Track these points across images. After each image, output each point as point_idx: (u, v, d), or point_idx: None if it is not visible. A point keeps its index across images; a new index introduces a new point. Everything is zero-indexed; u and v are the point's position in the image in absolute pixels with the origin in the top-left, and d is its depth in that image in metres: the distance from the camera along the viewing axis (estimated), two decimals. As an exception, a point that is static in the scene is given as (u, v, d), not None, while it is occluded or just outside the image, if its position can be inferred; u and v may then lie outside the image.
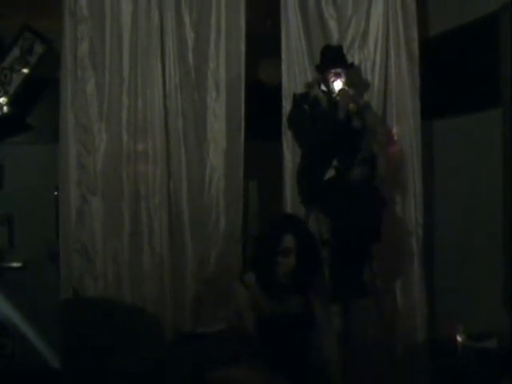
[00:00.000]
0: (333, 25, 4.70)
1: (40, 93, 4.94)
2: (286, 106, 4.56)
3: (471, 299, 4.49)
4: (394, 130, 4.70)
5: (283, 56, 4.63)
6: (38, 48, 4.72)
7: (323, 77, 4.31)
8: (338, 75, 4.25)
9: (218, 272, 4.52)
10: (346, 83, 4.25)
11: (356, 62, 4.62)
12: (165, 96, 4.48)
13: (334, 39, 4.67)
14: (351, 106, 4.22)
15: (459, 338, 4.12)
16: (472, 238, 4.56)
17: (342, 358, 3.51)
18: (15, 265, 4.87)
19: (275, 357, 3.35)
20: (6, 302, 4.66)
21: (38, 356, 4.62)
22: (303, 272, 3.34)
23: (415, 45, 4.69)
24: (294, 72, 4.64)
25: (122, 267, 4.45)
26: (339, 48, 4.42)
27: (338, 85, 4.23)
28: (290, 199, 4.58)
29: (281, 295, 3.43)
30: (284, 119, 4.55)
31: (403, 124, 4.69)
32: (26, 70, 4.74)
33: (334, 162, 4.25)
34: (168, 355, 3.65)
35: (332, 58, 4.30)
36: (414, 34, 4.69)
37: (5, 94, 4.73)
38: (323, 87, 4.32)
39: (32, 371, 4.44)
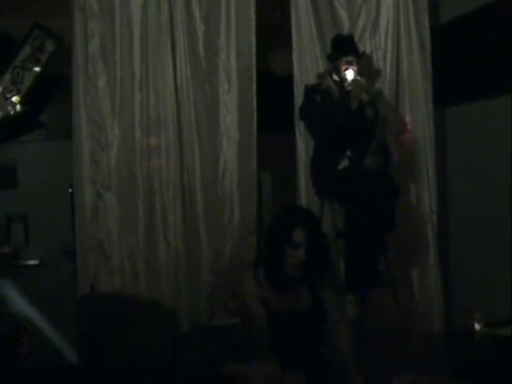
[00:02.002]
0: (343, 14, 4.67)
1: (52, 90, 4.95)
2: (298, 96, 4.55)
3: (488, 286, 4.48)
4: (407, 119, 4.69)
5: (294, 46, 4.62)
6: (49, 45, 4.73)
7: (335, 66, 4.30)
8: (349, 63, 4.23)
9: (233, 264, 4.52)
10: (357, 72, 4.24)
11: (367, 51, 4.62)
12: (176, 89, 4.48)
13: (345, 28, 4.66)
14: (364, 96, 4.21)
15: (477, 326, 4.09)
16: (486, 225, 4.54)
17: (356, 349, 3.49)
18: (31, 262, 4.89)
19: (287, 351, 3.34)
20: (23, 299, 4.68)
21: (56, 353, 4.64)
22: (312, 265, 3.33)
23: (426, 32, 4.67)
24: (306, 62, 4.63)
25: (137, 262, 4.46)
26: (350, 37, 4.42)
27: (350, 74, 4.21)
28: (304, 190, 4.58)
29: (290, 290, 3.42)
30: (296, 110, 4.54)
31: (416, 112, 4.68)
32: (37, 68, 4.75)
33: (348, 152, 4.24)
34: (183, 348, 3.65)
35: (343, 47, 4.29)
36: (426, 22, 4.67)
37: (17, 92, 4.73)
38: (335, 77, 4.31)
39: (50, 368, 4.46)
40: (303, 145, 4.59)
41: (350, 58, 4.26)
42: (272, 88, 4.76)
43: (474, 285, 4.62)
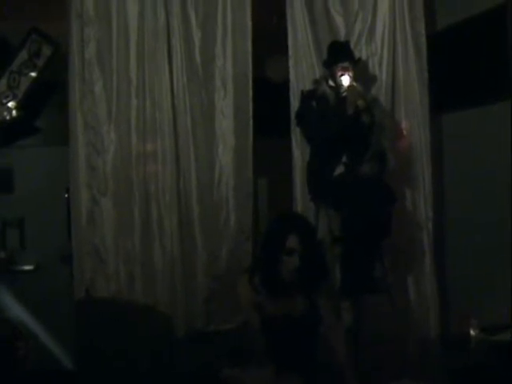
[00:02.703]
0: (339, 20, 4.68)
1: (48, 95, 4.94)
2: (294, 102, 4.55)
3: (484, 292, 4.48)
4: (403, 125, 4.69)
5: (290, 53, 4.63)
6: (46, 50, 4.72)
7: (331, 72, 4.31)
8: (345, 69, 4.24)
9: (229, 269, 4.53)
10: (353, 78, 4.25)
11: (363, 58, 4.61)
12: (173, 95, 4.50)
13: (341, 35, 4.66)
14: (360, 102, 4.21)
15: (472, 332, 4.09)
16: (483, 231, 4.54)
17: (352, 355, 3.49)
18: (27, 267, 4.88)
19: (283, 356, 3.33)
20: (19, 304, 4.68)
21: (52, 357, 4.64)
22: (307, 272, 3.32)
23: (423, 39, 4.67)
24: (302, 68, 4.63)
25: (133, 267, 4.46)
26: (346, 43, 4.43)
27: (345, 80, 4.22)
28: (300, 196, 4.58)
29: (285, 296, 3.41)
30: (292, 116, 4.55)
31: (412, 118, 4.68)
32: (33, 73, 4.74)
33: (344, 158, 4.24)
34: (179, 353, 3.65)
35: (339, 53, 4.30)
36: (422, 28, 4.68)
37: (13, 97, 4.73)
38: (331, 83, 4.32)
39: (46, 373, 4.45)
40: (299, 151, 4.59)
41: (345, 64, 4.26)
42: (268, 94, 4.76)
43: (471, 291, 4.62)
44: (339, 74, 4.25)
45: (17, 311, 4.67)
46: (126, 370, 3.48)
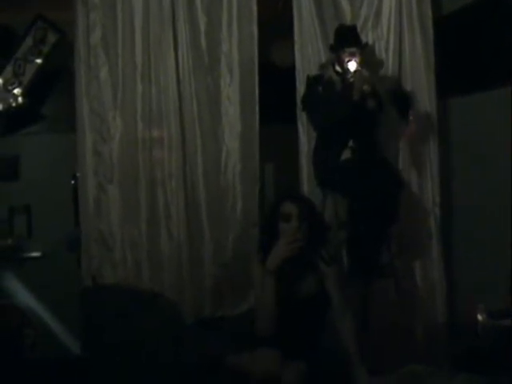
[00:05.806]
0: (345, 4, 4.66)
1: (54, 82, 4.93)
2: (300, 87, 4.54)
3: (491, 277, 4.47)
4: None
5: (296, 38, 4.61)
6: (51, 37, 4.71)
7: (337, 57, 4.28)
8: (352, 55, 4.20)
9: (236, 256, 4.53)
10: (360, 63, 4.22)
11: (370, 42, 4.58)
12: (178, 81, 4.49)
13: (347, 19, 4.63)
14: (365, 87, 4.18)
15: (480, 317, 4.09)
16: (489, 216, 4.53)
17: (359, 340, 3.49)
18: (34, 254, 4.89)
19: (289, 342, 3.34)
20: (27, 291, 4.69)
21: (59, 344, 4.66)
22: (309, 240, 3.34)
23: (429, 22, 4.65)
24: (308, 53, 4.62)
25: (140, 254, 4.48)
26: (353, 27, 4.39)
27: (352, 65, 4.19)
28: (307, 182, 4.57)
29: (294, 276, 3.41)
30: (298, 101, 4.53)
31: (418, 102, 4.66)
32: (39, 60, 4.72)
33: (350, 143, 4.23)
34: (187, 339, 3.66)
35: (346, 38, 4.27)
36: (428, 12, 4.65)
37: (19, 84, 4.72)
38: (337, 68, 4.29)
39: (53, 360, 4.47)
40: (305, 136, 4.59)
41: (352, 50, 4.22)
42: (274, 79, 4.74)
43: (478, 276, 4.61)
44: (346, 59, 4.22)
45: (24, 298, 4.69)
46: (133, 356, 3.49)
